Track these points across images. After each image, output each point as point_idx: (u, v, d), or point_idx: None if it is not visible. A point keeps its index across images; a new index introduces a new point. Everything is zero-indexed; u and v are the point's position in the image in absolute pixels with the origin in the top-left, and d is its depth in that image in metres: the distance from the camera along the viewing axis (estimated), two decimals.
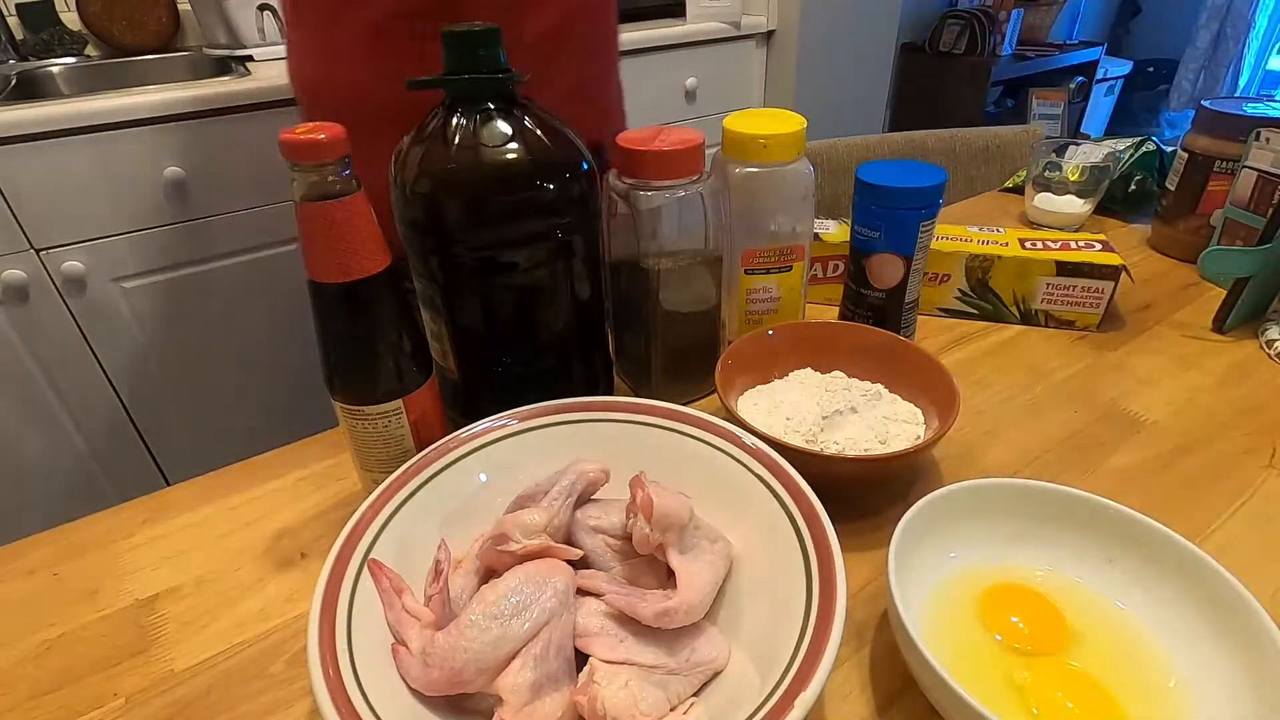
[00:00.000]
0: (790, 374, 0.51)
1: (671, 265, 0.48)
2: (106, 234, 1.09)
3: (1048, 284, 0.61)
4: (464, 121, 0.41)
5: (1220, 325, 0.60)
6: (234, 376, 1.28)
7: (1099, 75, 2.76)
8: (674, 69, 1.56)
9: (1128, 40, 3.33)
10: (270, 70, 1.20)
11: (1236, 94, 3.03)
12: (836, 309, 0.60)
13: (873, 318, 0.56)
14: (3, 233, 1.02)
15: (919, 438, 0.44)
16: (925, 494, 0.36)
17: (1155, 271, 0.71)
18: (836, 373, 0.50)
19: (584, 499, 0.37)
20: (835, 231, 0.64)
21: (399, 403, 0.40)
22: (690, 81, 1.58)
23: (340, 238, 0.35)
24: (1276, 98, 0.72)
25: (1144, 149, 0.80)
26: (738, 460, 0.38)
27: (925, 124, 1.21)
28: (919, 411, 0.47)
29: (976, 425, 0.51)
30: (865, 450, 0.43)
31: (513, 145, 0.41)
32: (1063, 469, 0.47)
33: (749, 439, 0.39)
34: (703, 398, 0.54)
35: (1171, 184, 0.72)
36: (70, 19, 1.41)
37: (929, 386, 0.47)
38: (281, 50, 1.29)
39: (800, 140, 0.50)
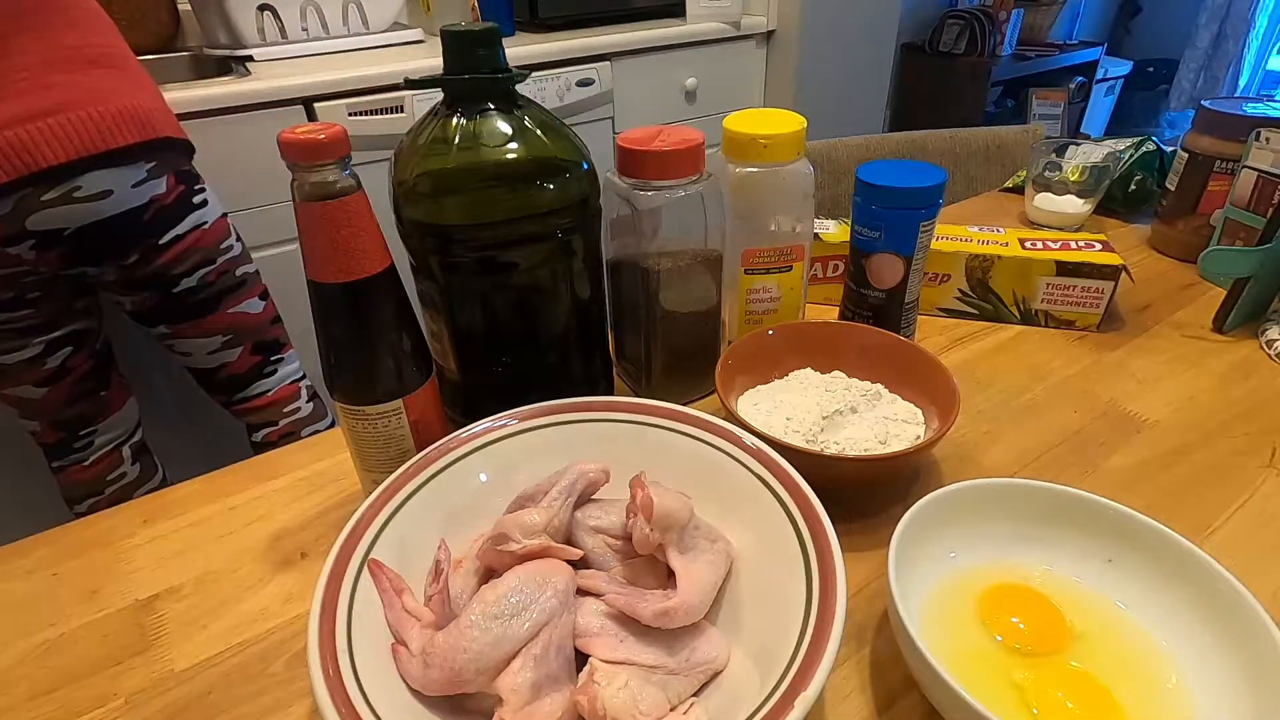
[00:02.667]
0: (790, 374, 0.51)
1: (671, 265, 0.48)
2: None
3: (1048, 284, 0.61)
4: (464, 121, 0.41)
5: (1220, 325, 0.60)
6: None
7: (1099, 75, 2.76)
8: (674, 69, 1.56)
9: (1128, 40, 3.33)
10: (270, 70, 1.20)
11: (1236, 94, 3.03)
12: (836, 309, 0.60)
13: (873, 318, 0.56)
14: None
15: (919, 438, 0.44)
16: (925, 494, 0.36)
17: (1155, 271, 0.71)
18: (836, 373, 0.50)
19: (584, 499, 0.37)
20: (835, 231, 0.64)
21: (399, 403, 0.40)
22: (690, 81, 1.58)
23: (340, 238, 0.35)
24: (1276, 98, 0.73)
25: (1144, 149, 0.80)
26: (738, 460, 0.38)
27: (925, 124, 1.21)
28: (919, 411, 0.47)
29: (976, 425, 0.51)
30: (865, 450, 0.43)
31: (513, 145, 0.41)
32: (1063, 469, 0.47)
33: (749, 439, 0.39)
34: (703, 398, 0.54)
35: (1171, 184, 0.72)
36: None
37: (929, 386, 0.47)
38: (282, 50, 1.30)
39: (800, 140, 0.50)
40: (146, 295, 0.85)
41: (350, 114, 1.20)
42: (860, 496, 0.44)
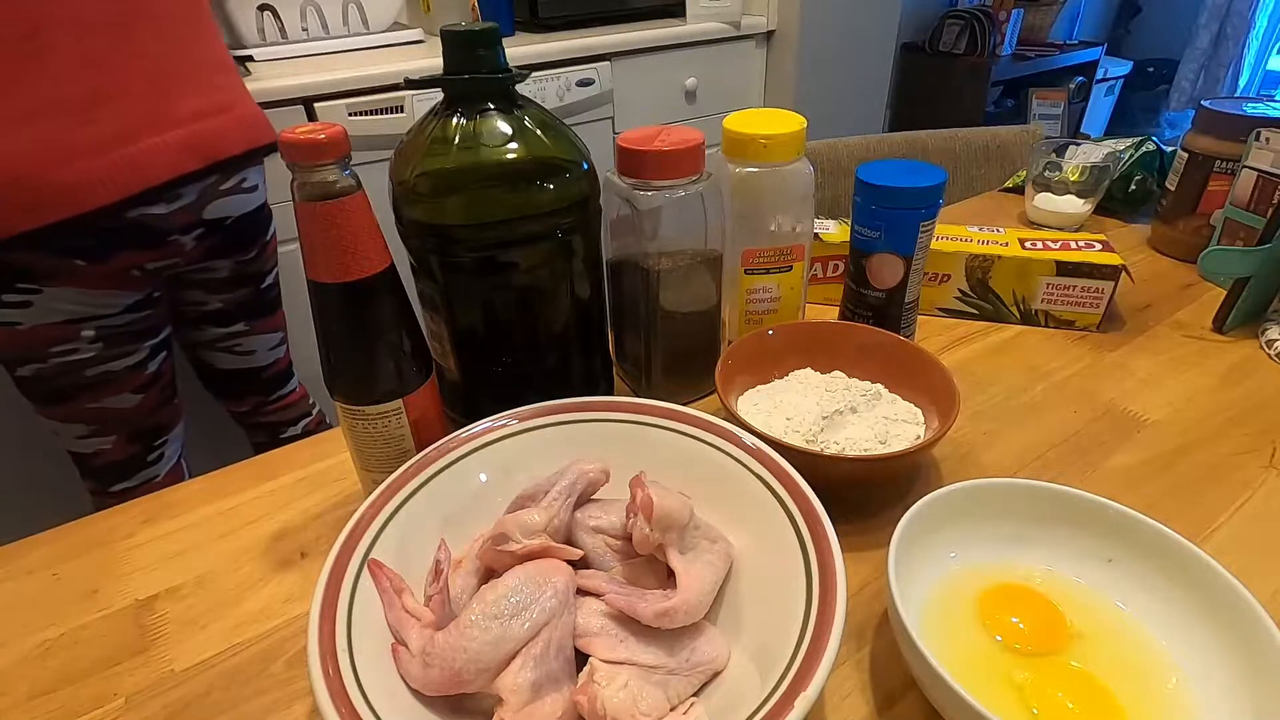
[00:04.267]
0: (790, 374, 0.51)
1: (671, 265, 0.48)
2: None
3: (1048, 284, 0.61)
4: (464, 121, 0.41)
5: (1220, 325, 0.60)
6: None
7: (1099, 75, 2.76)
8: (674, 69, 1.56)
9: (1128, 40, 3.33)
10: (270, 70, 1.20)
11: (1236, 94, 3.03)
12: (836, 309, 0.60)
13: (873, 318, 0.56)
14: None
15: (919, 438, 0.44)
16: (925, 494, 0.36)
17: (1155, 271, 0.71)
18: (836, 373, 0.50)
19: (584, 499, 0.37)
20: (835, 231, 0.64)
21: (399, 403, 0.40)
22: (690, 81, 1.58)
23: (340, 237, 0.35)
24: (1276, 98, 0.73)
25: (1144, 149, 0.80)
26: (738, 460, 0.38)
27: (925, 124, 1.21)
28: (919, 411, 0.47)
29: (976, 425, 0.51)
30: (865, 450, 0.43)
31: (513, 145, 0.41)
32: (1063, 469, 0.47)
33: (749, 439, 0.39)
34: (703, 398, 0.54)
35: (1171, 184, 0.72)
36: None
37: (929, 386, 0.47)
38: (282, 50, 1.30)
39: (800, 140, 0.50)
40: (244, 291, 0.91)
41: (350, 114, 1.20)
42: (860, 496, 0.44)
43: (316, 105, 1.18)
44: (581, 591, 0.33)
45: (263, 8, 1.28)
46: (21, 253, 0.69)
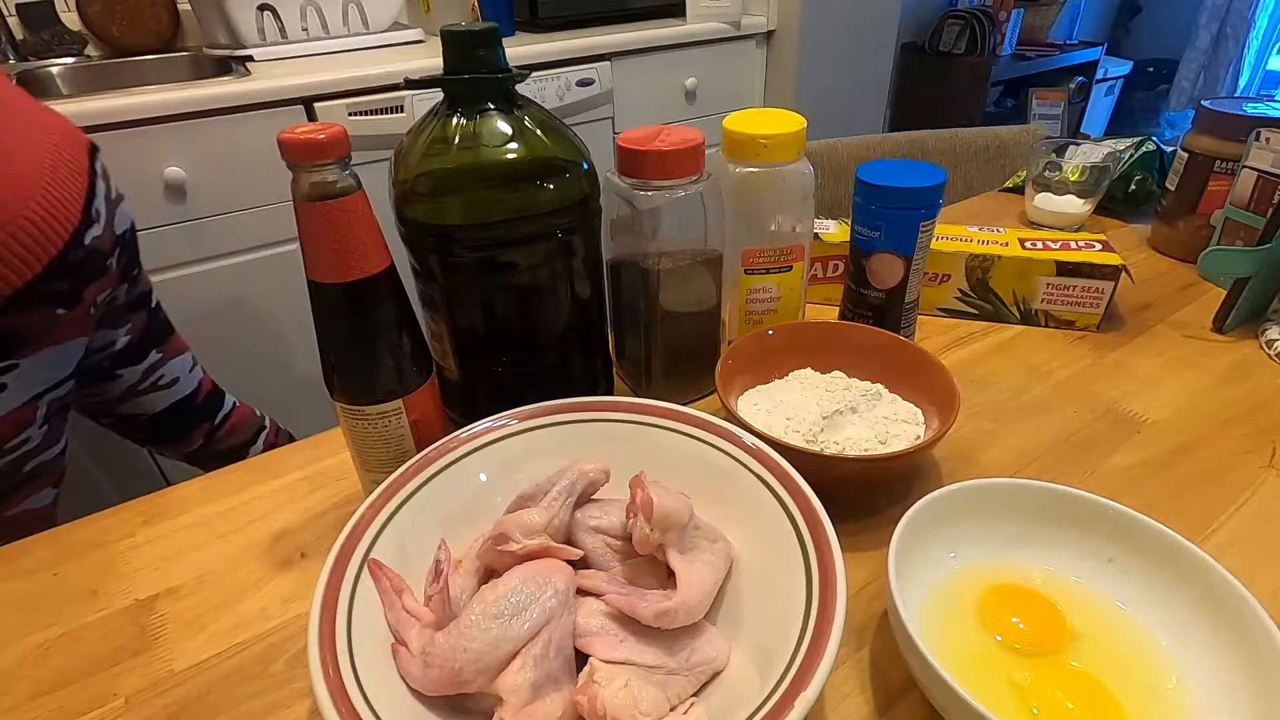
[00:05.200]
0: (790, 374, 0.51)
1: (671, 265, 0.48)
2: None
3: (1048, 284, 0.61)
4: (464, 121, 0.41)
5: (1220, 325, 0.60)
6: (233, 377, 1.27)
7: (1099, 75, 2.76)
8: (674, 69, 1.56)
9: (1128, 40, 3.33)
10: (270, 70, 1.20)
11: (1236, 94, 3.03)
12: (836, 309, 0.60)
13: (873, 318, 0.56)
14: None
15: (919, 438, 0.44)
16: (925, 494, 0.36)
17: (1155, 271, 0.71)
18: (836, 373, 0.50)
19: (584, 499, 0.37)
20: (835, 231, 0.64)
21: (399, 403, 0.40)
22: (690, 81, 1.58)
23: (340, 238, 0.35)
24: (1276, 98, 0.72)
25: (1144, 149, 0.80)
26: (738, 460, 0.38)
27: (925, 124, 1.21)
28: (919, 411, 0.47)
29: (976, 425, 0.51)
30: (865, 450, 0.43)
31: (513, 145, 0.41)
32: (1063, 469, 0.47)
33: (749, 439, 0.39)
34: (703, 398, 0.54)
35: (1171, 184, 0.72)
36: (70, 19, 1.41)
37: (929, 386, 0.47)
38: (282, 50, 1.30)
39: (800, 140, 0.50)
40: (142, 315, 0.82)
41: (350, 114, 1.20)
42: (860, 496, 0.44)
43: (316, 105, 1.18)
44: (581, 591, 0.33)
45: (263, 8, 1.28)
46: (14, 315, 0.59)
